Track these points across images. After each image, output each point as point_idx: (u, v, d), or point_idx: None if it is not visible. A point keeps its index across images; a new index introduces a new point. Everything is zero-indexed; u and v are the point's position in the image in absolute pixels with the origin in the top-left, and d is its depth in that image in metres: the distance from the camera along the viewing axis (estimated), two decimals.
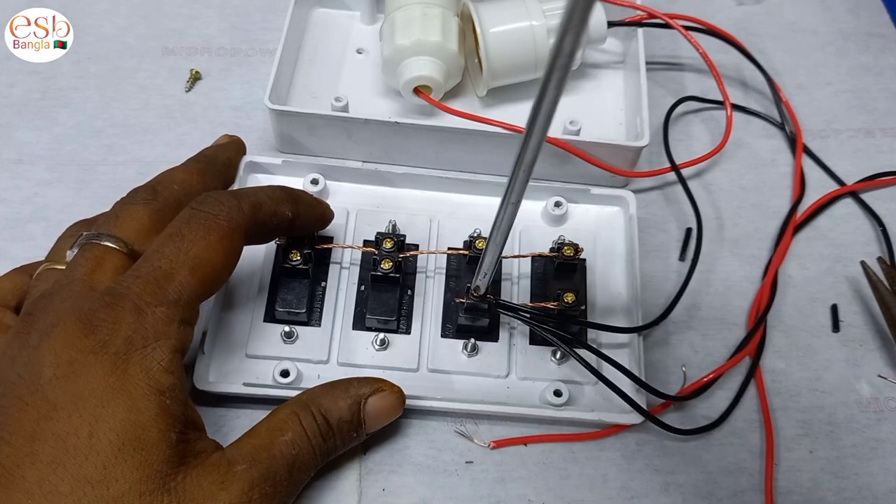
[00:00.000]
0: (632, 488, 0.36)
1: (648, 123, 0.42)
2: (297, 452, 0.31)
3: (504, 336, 0.38)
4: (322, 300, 0.38)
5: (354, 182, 0.42)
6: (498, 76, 0.44)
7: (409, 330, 0.38)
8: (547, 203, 0.42)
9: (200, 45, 0.49)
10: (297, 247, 0.37)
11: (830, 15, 0.54)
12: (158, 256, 0.30)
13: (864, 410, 0.39)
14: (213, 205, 0.31)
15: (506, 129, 0.42)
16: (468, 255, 0.38)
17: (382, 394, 0.34)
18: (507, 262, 0.40)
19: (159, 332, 0.28)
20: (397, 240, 0.38)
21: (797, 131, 0.47)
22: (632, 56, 0.47)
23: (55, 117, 0.45)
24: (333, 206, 0.40)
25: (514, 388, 0.37)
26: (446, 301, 0.39)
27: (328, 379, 0.35)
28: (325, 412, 0.32)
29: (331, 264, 0.39)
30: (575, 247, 0.38)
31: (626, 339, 0.38)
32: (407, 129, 0.42)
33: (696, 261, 0.41)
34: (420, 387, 0.36)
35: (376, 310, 0.37)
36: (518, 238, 0.41)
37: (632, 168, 0.44)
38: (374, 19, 0.49)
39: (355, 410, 0.33)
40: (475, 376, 0.37)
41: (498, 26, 0.43)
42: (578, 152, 0.42)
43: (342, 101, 0.42)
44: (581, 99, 0.47)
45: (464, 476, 0.35)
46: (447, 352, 0.37)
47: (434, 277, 0.39)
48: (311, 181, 0.41)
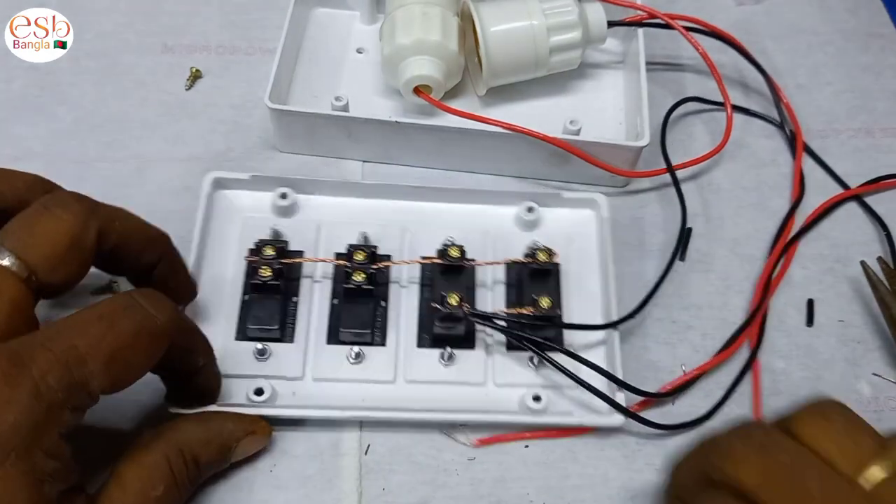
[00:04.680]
0: (632, 488, 0.36)
1: (648, 123, 0.42)
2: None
3: (480, 343, 0.38)
4: (294, 315, 0.37)
5: (324, 195, 0.41)
6: (498, 75, 0.44)
7: (385, 342, 0.37)
8: (519, 208, 0.41)
9: (200, 42, 0.49)
10: (267, 262, 0.36)
11: (830, 15, 0.54)
12: (80, 336, 0.27)
13: (865, 410, 0.38)
14: (157, 304, 0.29)
15: (506, 129, 0.41)
16: (442, 265, 0.38)
17: (254, 437, 0.33)
18: (481, 269, 0.39)
19: (52, 418, 0.25)
20: (369, 251, 0.37)
21: (797, 131, 0.47)
22: (632, 56, 0.47)
23: (53, 113, 0.45)
24: (303, 220, 0.40)
25: (492, 396, 0.37)
26: (421, 311, 0.38)
27: (304, 397, 0.36)
28: (197, 456, 0.31)
29: (302, 278, 0.38)
30: (549, 251, 0.38)
31: (602, 337, 0.38)
32: (407, 128, 0.42)
33: (683, 256, 0.42)
34: (398, 398, 0.36)
35: (350, 323, 0.37)
36: (492, 244, 0.40)
37: (632, 168, 0.43)
38: (374, 19, 0.49)
39: (225, 453, 0.33)
40: (453, 385, 0.37)
41: (498, 25, 0.43)
42: (578, 152, 0.42)
43: (342, 101, 0.42)
44: (581, 99, 0.47)
45: (464, 475, 0.35)
46: (424, 362, 0.37)
47: (408, 287, 0.39)
48: (280, 195, 0.40)
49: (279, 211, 0.40)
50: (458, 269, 0.38)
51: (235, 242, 0.39)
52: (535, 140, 0.41)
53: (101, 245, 0.31)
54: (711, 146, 0.45)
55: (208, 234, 0.39)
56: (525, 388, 0.36)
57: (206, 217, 0.39)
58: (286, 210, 0.40)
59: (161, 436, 0.31)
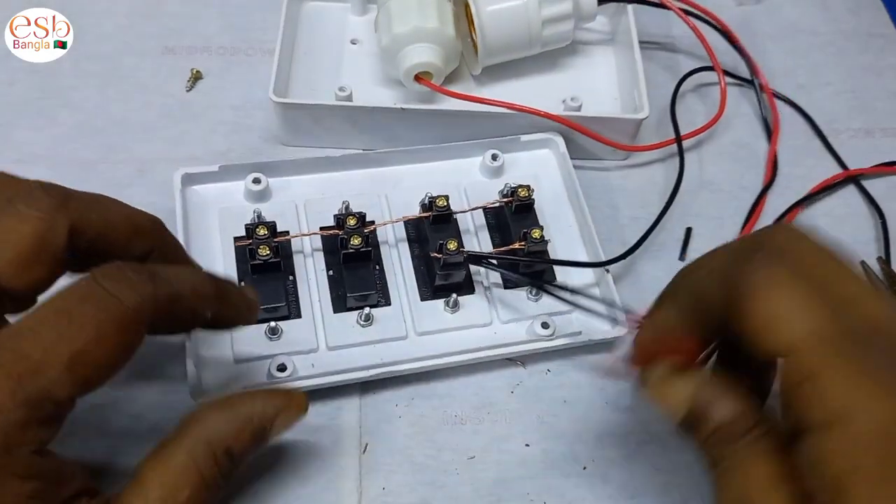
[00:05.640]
0: (632, 488, 0.36)
1: (647, 95, 0.43)
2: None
3: (479, 287, 0.39)
4: (296, 292, 0.38)
5: (296, 174, 0.42)
6: (493, 54, 0.45)
7: (389, 301, 0.38)
8: (484, 157, 0.43)
9: (200, 44, 0.49)
10: (263, 242, 0.37)
11: (830, 15, 0.54)
12: (32, 341, 0.24)
13: None
14: (122, 284, 0.25)
15: (509, 109, 0.42)
16: (431, 216, 0.39)
17: (289, 411, 0.30)
18: (463, 218, 0.41)
19: (14, 440, 0.23)
20: (358, 216, 0.38)
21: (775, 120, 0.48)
22: (621, 34, 0.48)
23: (55, 116, 0.45)
24: (281, 201, 0.40)
25: (500, 333, 0.38)
26: (416, 267, 0.39)
27: (322, 369, 0.36)
28: (229, 448, 0.28)
29: (294, 255, 0.39)
30: (527, 187, 0.40)
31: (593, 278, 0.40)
32: (412, 114, 0.43)
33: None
34: (413, 352, 0.37)
35: (355, 287, 0.38)
36: (466, 195, 0.42)
37: (632, 141, 0.45)
38: (365, 10, 0.50)
39: (260, 436, 0.29)
40: (462, 330, 0.38)
41: (493, 5, 0.44)
42: (581, 128, 0.43)
43: (346, 91, 0.43)
44: (574, 76, 0.49)
45: (464, 475, 0.35)
46: (430, 313, 0.38)
47: (397, 247, 0.40)
48: (252, 181, 0.40)
49: (255, 196, 0.41)
50: (445, 219, 0.39)
51: (217, 235, 0.40)
52: (538, 118, 0.42)
53: (76, 242, 0.27)
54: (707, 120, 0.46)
55: (189, 230, 0.39)
56: (530, 319, 0.38)
57: (184, 215, 0.39)
58: (261, 195, 0.41)
59: (184, 432, 0.28)
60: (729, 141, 0.48)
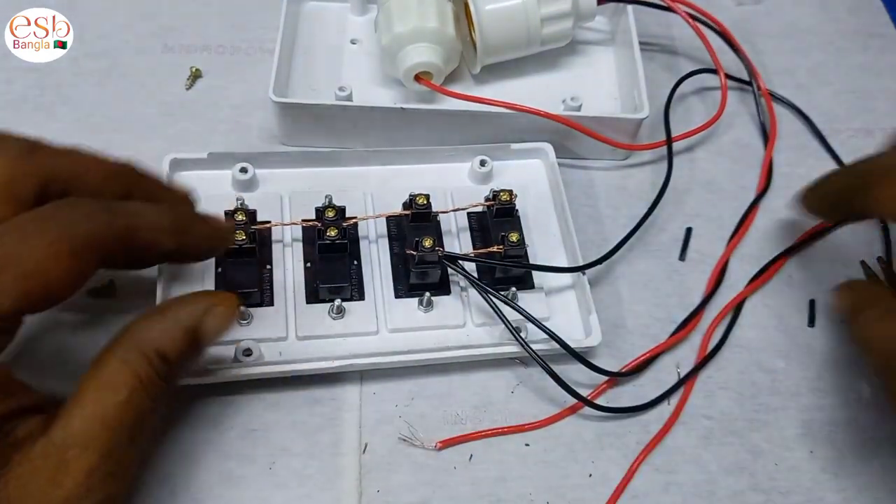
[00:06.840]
0: (632, 488, 0.36)
1: (647, 95, 0.43)
2: (137, 413, 0.26)
3: (455, 288, 0.39)
4: (271, 280, 0.38)
5: (284, 167, 0.42)
6: (492, 53, 0.45)
7: (363, 296, 0.38)
8: (472, 163, 0.43)
9: (200, 43, 0.49)
10: (240, 227, 0.37)
11: (830, 15, 0.54)
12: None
13: (865, 410, 0.39)
14: (78, 212, 0.26)
15: (508, 109, 0.42)
16: (410, 214, 0.39)
17: (216, 310, 0.29)
18: (445, 219, 0.41)
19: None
20: (338, 209, 0.38)
21: (772, 125, 0.48)
22: (621, 34, 0.48)
23: (54, 114, 0.45)
24: (267, 192, 0.40)
25: (473, 335, 0.38)
26: (394, 264, 0.39)
27: (291, 357, 0.36)
28: (161, 349, 0.27)
29: (273, 244, 0.39)
30: (510, 192, 0.40)
31: (570, 281, 0.40)
32: (412, 114, 0.43)
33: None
34: (383, 347, 0.37)
35: (328, 279, 0.38)
36: (450, 198, 0.41)
37: (632, 141, 0.45)
38: (365, 10, 0.50)
39: (192, 336, 0.29)
40: (434, 329, 0.38)
41: (492, 3, 0.44)
42: (582, 127, 0.43)
43: (346, 91, 0.43)
44: (573, 76, 0.49)
45: (464, 475, 0.35)
46: (404, 310, 0.38)
47: (377, 243, 0.40)
48: (240, 170, 0.41)
49: (241, 185, 0.41)
50: (425, 217, 0.39)
51: None
52: (537, 118, 0.42)
53: (46, 191, 0.28)
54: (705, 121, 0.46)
55: None
56: (502, 324, 0.37)
57: None
58: (248, 184, 0.41)
59: (115, 341, 0.28)
60: (729, 141, 0.48)
